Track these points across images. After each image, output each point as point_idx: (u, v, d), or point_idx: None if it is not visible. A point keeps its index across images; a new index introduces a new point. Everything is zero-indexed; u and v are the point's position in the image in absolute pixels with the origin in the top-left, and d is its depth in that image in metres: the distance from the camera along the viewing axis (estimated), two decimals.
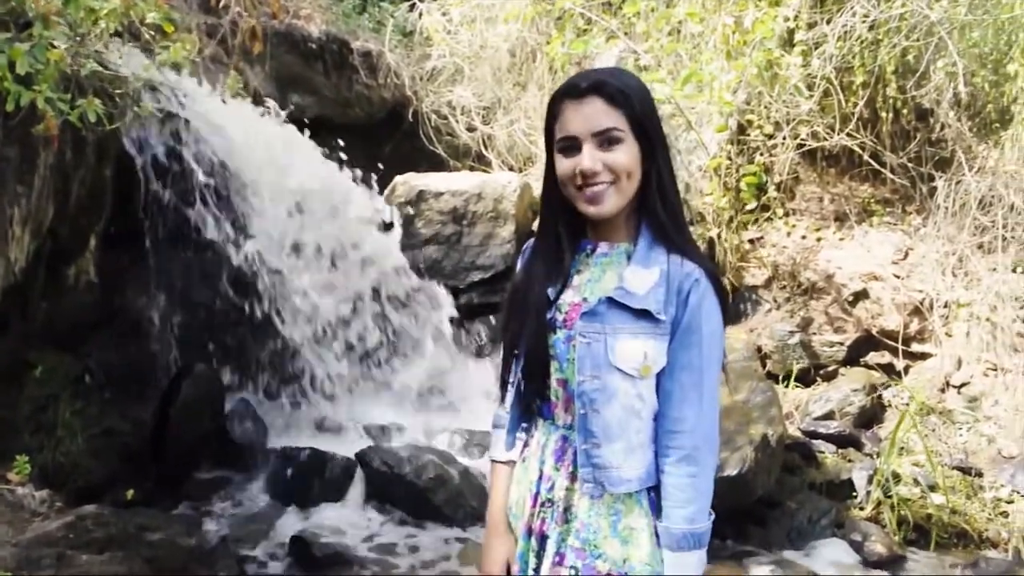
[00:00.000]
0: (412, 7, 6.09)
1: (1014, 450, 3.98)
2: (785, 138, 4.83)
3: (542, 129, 1.55)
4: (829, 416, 4.27)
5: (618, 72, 1.51)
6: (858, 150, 4.85)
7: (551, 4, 5.20)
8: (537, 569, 1.53)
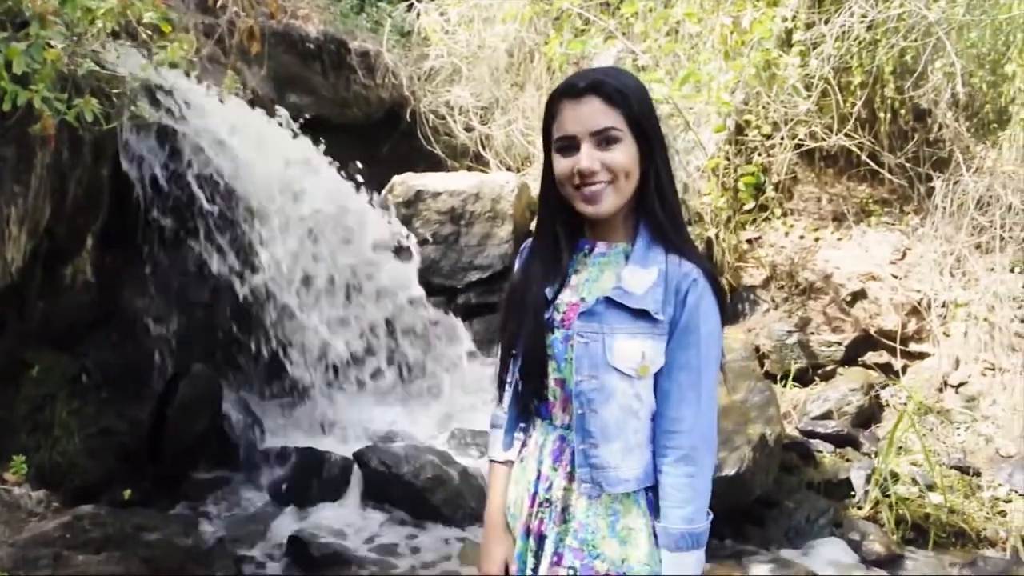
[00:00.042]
0: (410, 7, 6.08)
1: (1012, 449, 3.98)
2: (783, 138, 4.83)
3: (540, 129, 1.55)
4: (827, 416, 4.27)
5: (616, 72, 1.51)
6: (856, 150, 4.85)
7: (549, 4, 5.19)
8: (535, 569, 1.53)
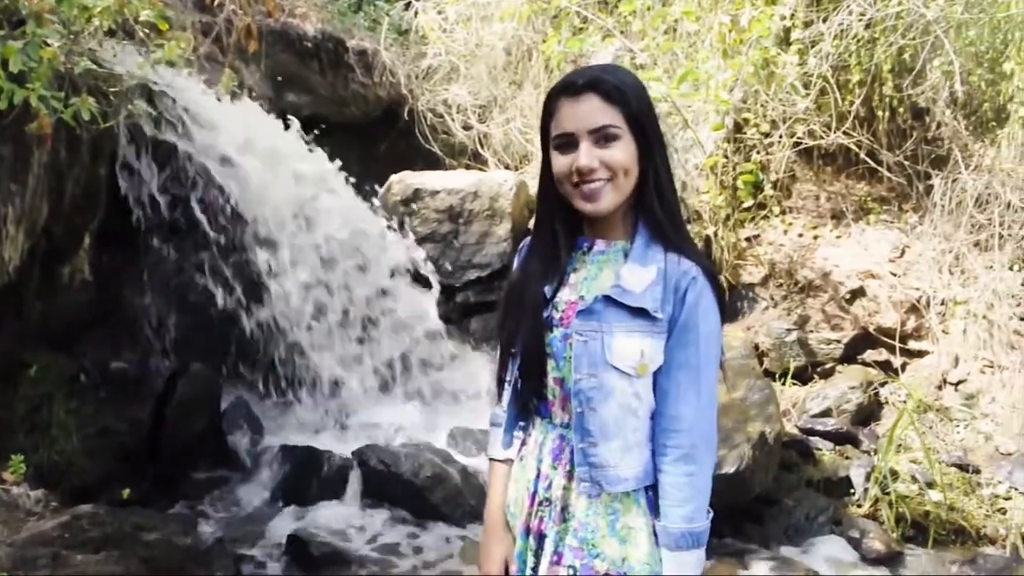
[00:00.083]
0: (407, 5, 6.07)
1: (1011, 447, 3.98)
2: (781, 136, 4.82)
3: (538, 127, 1.54)
4: (826, 413, 4.27)
5: (615, 69, 1.50)
6: (854, 148, 4.85)
7: (547, 2, 5.18)
8: (535, 568, 1.53)
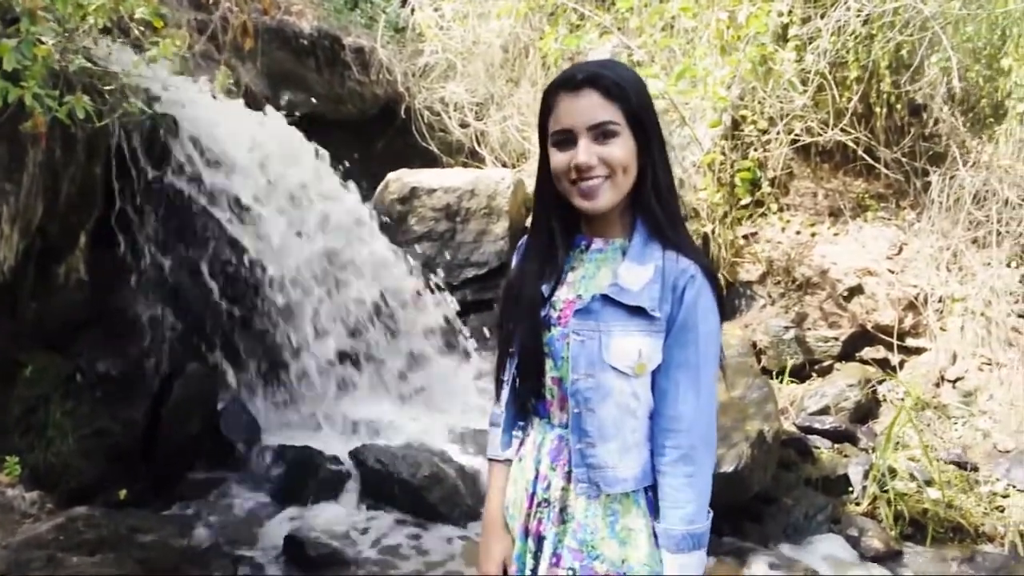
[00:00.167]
0: (404, 3, 6.06)
1: (1009, 444, 3.98)
2: (779, 133, 4.82)
3: (535, 125, 1.53)
4: (824, 411, 4.27)
5: (614, 64, 1.48)
6: (852, 145, 4.85)
7: None
8: (535, 570, 1.52)
